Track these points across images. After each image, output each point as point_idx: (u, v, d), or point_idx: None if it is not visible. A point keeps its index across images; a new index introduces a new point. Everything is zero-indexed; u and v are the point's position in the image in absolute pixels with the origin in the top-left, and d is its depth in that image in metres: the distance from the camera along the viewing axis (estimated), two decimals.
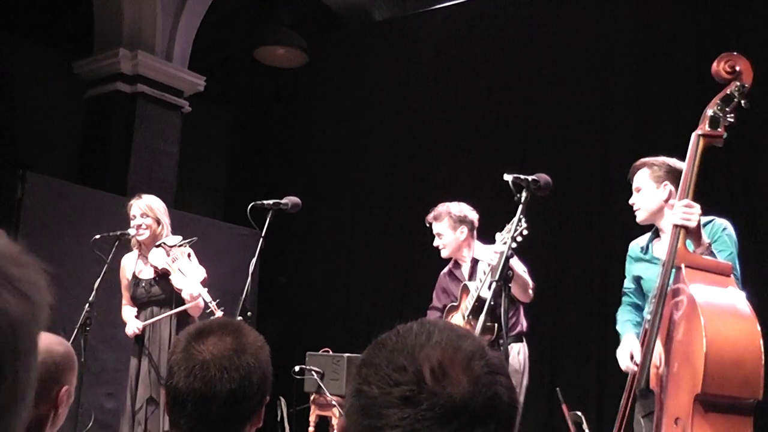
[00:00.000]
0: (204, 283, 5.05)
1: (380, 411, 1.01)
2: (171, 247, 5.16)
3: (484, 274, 4.77)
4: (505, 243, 4.27)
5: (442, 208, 5.32)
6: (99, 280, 5.00)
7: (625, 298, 4.09)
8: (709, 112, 3.28)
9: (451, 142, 8.33)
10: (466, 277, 5.23)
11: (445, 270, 5.48)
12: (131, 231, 5.22)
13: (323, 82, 9.63)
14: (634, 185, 3.97)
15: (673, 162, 3.81)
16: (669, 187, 3.77)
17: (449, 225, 5.24)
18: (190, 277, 5.04)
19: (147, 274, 5.25)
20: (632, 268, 3.98)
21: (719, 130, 3.25)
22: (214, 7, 8.94)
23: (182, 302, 5.06)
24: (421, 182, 8.38)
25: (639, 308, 4.00)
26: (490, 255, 4.57)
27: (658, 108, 7.01)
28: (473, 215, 5.31)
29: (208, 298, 4.92)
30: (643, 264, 3.93)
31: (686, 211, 3.19)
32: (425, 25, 8.87)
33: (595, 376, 6.82)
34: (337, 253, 9.05)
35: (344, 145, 9.27)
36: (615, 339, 6.37)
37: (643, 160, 3.97)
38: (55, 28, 8.55)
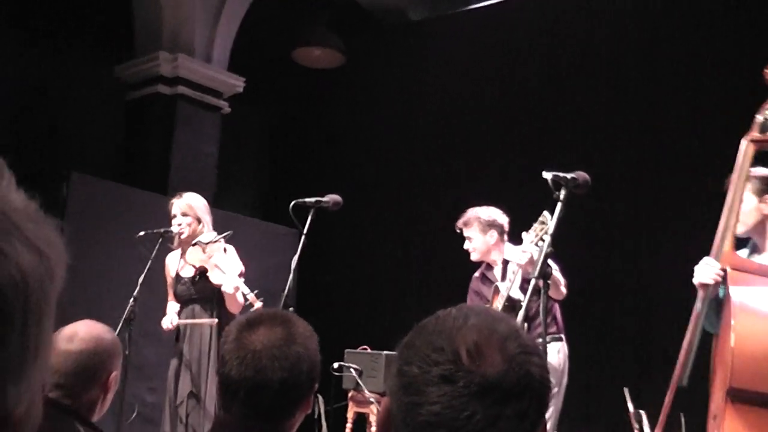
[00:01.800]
0: (240, 276, 5.11)
1: (420, 388, 1.08)
2: (206, 244, 5.22)
3: (513, 273, 4.80)
4: (532, 242, 4.29)
5: (471, 213, 5.35)
6: (143, 275, 5.08)
7: None
8: (760, 118, 3.34)
9: (490, 140, 8.34)
10: (499, 278, 5.25)
11: (477, 273, 5.51)
12: (174, 228, 5.30)
13: (360, 82, 9.68)
14: None
15: None
16: None
17: (479, 229, 5.28)
18: (227, 272, 5.10)
19: (188, 272, 5.32)
20: None
21: None
22: (252, 9, 9.04)
23: (223, 298, 5.12)
24: (461, 180, 8.40)
25: None
26: (518, 255, 4.59)
27: (697, 102, 6.98)
28: (503, 219, 5.34)
29: (246, 290, 4.97)
30: None
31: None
32: (461, 24, 8.89)
33: (635, 376, 6.79)
34: (376, 252, 9.09)
35: (382, 144, 9.30)
36: (654, 339, 6.36)
37: None
38: (96, 32, 8.69)
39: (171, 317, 5.23)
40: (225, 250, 5.26)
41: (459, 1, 9.08)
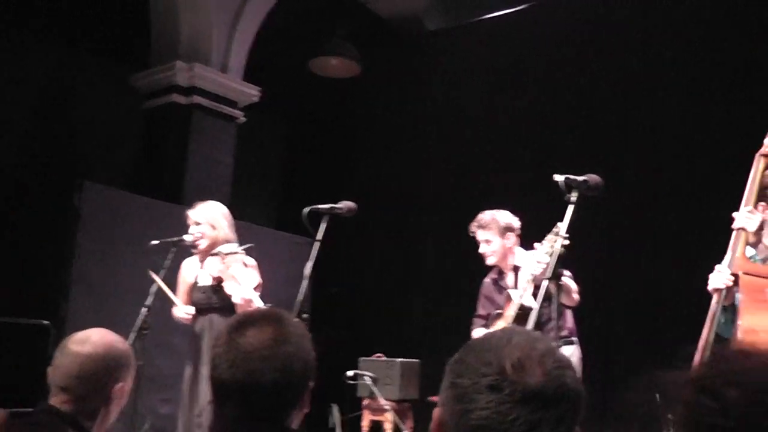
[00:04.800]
0: (257, 289, 5.08)
1: (471, 397, 1.23)
2: (226, 254, 5.20)
3: (527, 282, 4.74)
4: (546, 253, 4.23)
5: (488, 216, 5.27)
6: (156, 285, 5.05)
7: None
8: None
9: (504, 149, 8.33)
10: (511, 285, 5.19)
11: (488, 279, 5.43)
12: (187, 237, 5.27)
13: (377, 92, 9.68)
14: None
15: None
16: None
17: (497, 233, 5.21)
18: (242, 283, 5.07)
19: (206, 281, 5.29)
20: None
21: None
22: (269, 19, 9.05)
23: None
24: (474, 190, 8.37)
25: None
26: (532, 265, 4.54)
27: (710, 107, 6.97)
28: (518, 223, 5.29)
29: (260, 303, 4.94)
30: None
31: (747, 216, 3.46)
32: (478, 34, 8.89)
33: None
34: (390, 260, 9.08)
35: (398, 153, 9.30)
36: (671, 341, 6.29)
37: None
38: (113, 42, 8.72)
39: (187, 308, 5.20)
40: (245, 264, 5.23)
41: (475, 10, 9.05)
